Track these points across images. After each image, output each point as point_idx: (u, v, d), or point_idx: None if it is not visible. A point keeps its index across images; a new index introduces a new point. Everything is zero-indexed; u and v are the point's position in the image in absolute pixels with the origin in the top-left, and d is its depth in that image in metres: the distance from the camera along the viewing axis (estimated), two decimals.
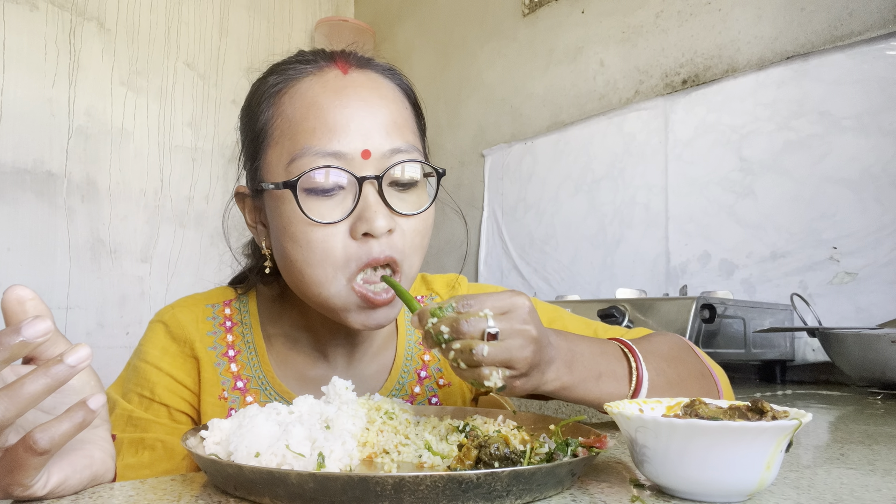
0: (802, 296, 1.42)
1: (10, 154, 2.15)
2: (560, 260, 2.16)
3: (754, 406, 0.49)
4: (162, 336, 0.80)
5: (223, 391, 0.78)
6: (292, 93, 0.70)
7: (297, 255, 0.68)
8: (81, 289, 2.28)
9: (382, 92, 0.71)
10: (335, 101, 0.68)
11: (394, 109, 0.70)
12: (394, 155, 0.68)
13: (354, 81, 0.70)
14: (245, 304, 0.84)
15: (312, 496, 0.42)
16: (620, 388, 0.66)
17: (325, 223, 0.66)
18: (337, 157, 0.66)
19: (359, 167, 0.67)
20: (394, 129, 0.69)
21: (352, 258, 0.67)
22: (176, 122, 2.55)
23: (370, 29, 2.95)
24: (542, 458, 0.49)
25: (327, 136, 0.66)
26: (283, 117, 0.70)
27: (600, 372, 0.65)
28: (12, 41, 2.16)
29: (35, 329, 0.42)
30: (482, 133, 2.51)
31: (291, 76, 0.71)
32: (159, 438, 0.74)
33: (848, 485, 0.51)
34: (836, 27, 1.55)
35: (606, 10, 2.08)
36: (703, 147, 1.79)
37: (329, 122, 0.67)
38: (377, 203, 0.67)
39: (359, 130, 0.67)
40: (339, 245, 0.67)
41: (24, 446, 0.41)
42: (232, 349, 0.80)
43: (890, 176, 1.44)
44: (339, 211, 0.67)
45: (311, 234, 0.67)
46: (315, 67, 0.71)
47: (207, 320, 0.82)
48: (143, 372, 0.78)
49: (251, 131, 0.74)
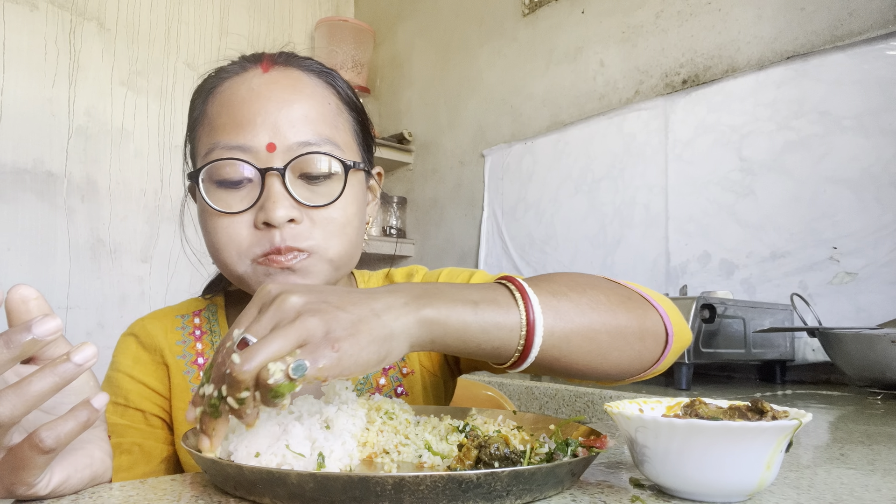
0: (802, 296, 1.42)
1: (10, 154, 2.15)
2: (560, 260, 2.16)
3: (754, 406, 0.49)
4: (133, 347, 0.83)
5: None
6: (216, 93, 0.74)
7: (208, 240, 0.74)
8: (81, 289, 2.28)
9: (299, 87, 0.73)
10: (247, 98, 0.71)
11: (308, 104, 0.72)
12: (300, 148, 0.70)
13: (272, 79, 0.73)
14: (214, 313, 0.87)
15: (312, 496, 0.42)
16: (507, 316, 0.54)
17: (229, 213, 0.70)
18: (242, 150, 0.70)
19: (264, 160, 0.69)
20: (304, 123, 0.71)
21: (254, 244, 0.70)
22: (176, 122, 2.55)
23: (370, 29, 2.95)
24: (542, 458, 0.49)
25: (235, 131, 0.70)
26: (206, 116, 0.74)
27: (475, 301, 0.54)
28: (12, 41, 2.16)
29: (45, 327, 0.42)
30: (482, 133, 2.51)
31: (221, 77, 0.75)
32: (136, 442, 0.77)
33: (848, 485, 0.51)
34: (836, 27, 1.55)
35: (606, 10, 2.08)
36: (703, 147, 1.79)
37: (237, 117, 0.70)
38: (279, 194, 0.69)
39: (265, 125, 0.70)
40: (244, 233, 0.70)
41: (29, 444, 0.41)
42: (201, 357, 0.83)
43: (890, 176, 1.44)
44: (245, 202, 0.70)
45: (218, 223, 0.71)
46: (240, 68, 0.75)
47: (177, 330, 0.84)
48: (116, 381, 0.81)
49: (188, 128, 0.79)
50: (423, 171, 2.75)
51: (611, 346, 0.61)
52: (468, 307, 0.53)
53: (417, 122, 2.79)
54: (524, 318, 0.55)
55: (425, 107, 2.77)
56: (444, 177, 2.66)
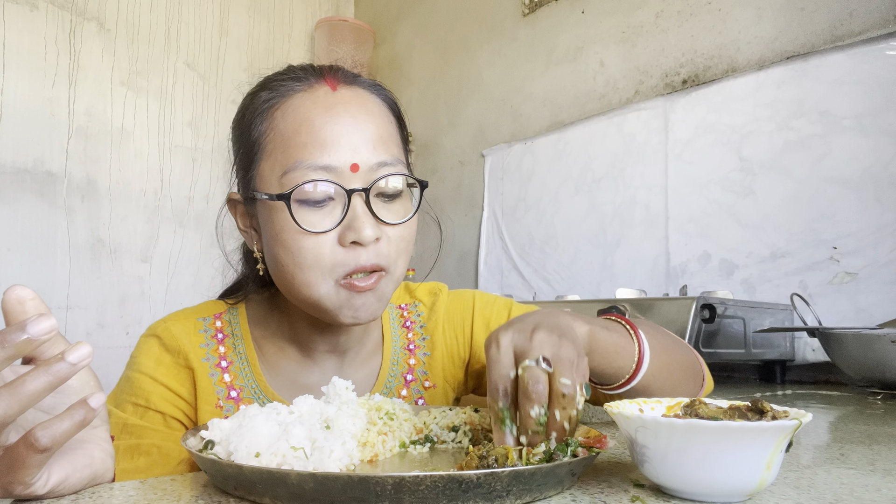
0: (802, 296, 1.42)
1: (10, 154, 2.15)
2: (560, 260, 2.16)
3: (754, 406, 0.49)
4: (156, 348, 0.82)
5: (219, 400, 0.80)
6: (284, 108, 0.74)
7: (287, 259, 0.72)
8: (81, 289, 2.28)
9: (369, 108, 0.75)
10: (325, 117, 0.72)
11: (380, 124, 0.75)
12: (380, 168, 0.73)
13: (343, 98, 0.74)
14: (235, 315, 0.87)
15: (312, 496, 0.42)
16: (628, 363, 0.69)
17: (315, 232, 0.70)
18: (327, 170, 0.70)
19: (348, 179, 0.71)
20: (380, 144, 0.73)
21: (339, 264, 0.71)
22: (176, 122, 2.55)
23: (370, 29, 2.95)
24: (541, 458, 0.49)
25: (318, 151, 0.71)
26: (276, 132, 0.74)
27: (607, 328, 0.67)
28: (12, 41, 2.16)
29: (40, 327, 0.42)
30: (482, 133, 2.51)
31: (283, 92, 0.75)
32: (155, 444, 0.76)
33: (848, 485, 0.51)
34: (836, 27, 1.55)
35: (606, 10, 2.08)
36: (703, 147, 1.79)
37: (320, 137, 0.71)
38: (365, 213, 0.71)
39: (348, 145, 0.71)
40: (328, 252, 0.71)
41: (25, 444, 0.41)
42: (224, 360, 0.83)
43: (890, 176, 1.44)
44: (329, 220, 0.71)
45: (302, 242, 0.71)
46: (306, 84, 0.75)
47: (199, 333, 0.84)
48: (137, 382, 0.80)
49: (245, 143, 0.77)
50: (423, 171, 2.75)
51: (681, 379, 0.77)
52: (612, 355, 0.67)
53: (417, 122, 2.79)
54: (635, 364, 0.69)
55: (425, 107, 2.77)
56: (444, 177, 2.66)
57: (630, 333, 0.69)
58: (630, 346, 0.69)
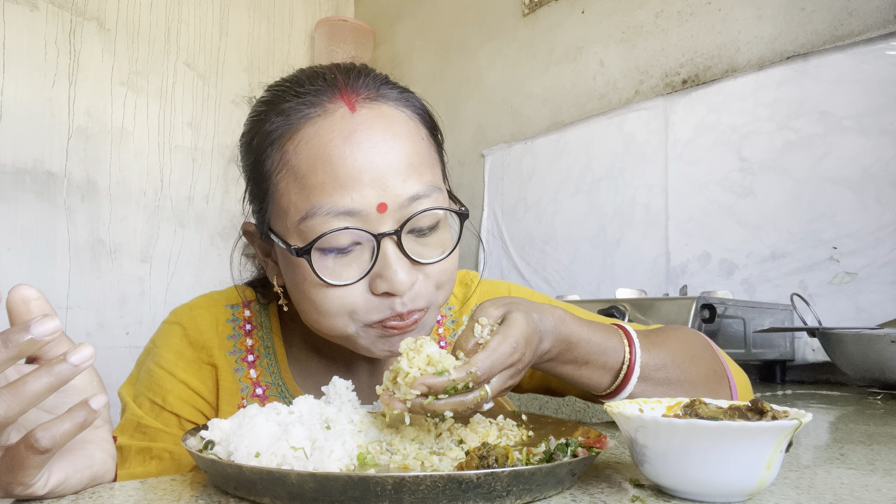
0: (802, 296, 1.42)
1: (10, 154, 2.15)
2: (560, 260, 2.16)
3: (754, 406, 0.49)
4: (178, 339, 0.77)
5: (242, 399, 0.76)
6: (297, 140, 0.64)
7: (310, 307, 0.66)
8: (81, 289, 2.28)
9: (395, 129, 0.65)
10: (344, 150, 0.62)
11: (409, 147, 0.65)
12: (412, 203, 0.64)
13: (364, 121, 0.64)
14: (265, 306, 0.82)
15: (312, 496, 0.42)
16: (602, 378, 0.68)
17: (341, 285, 0.63)
18: (350, 214, 0.62)
19: (375, 222, 0.62)
20: (410, 172, 0.64)
21: (371, 311, 0.65)
22: (176, 122, 2.55)
23: (370, 29, 2.95)
24: (541, 458, 0.49)
25: (339, 192, 0.61)
26: (290, 167, 0.64)
27: (587, 360, 0.66)
28: (12, 41, 2.16)
29: (44, 327, 0.42)
30: (482, 133, 2.51)
31: (294, 121, 0.65)
32: (167, 449, 0.73)
33: (848, 485, 0.51)
34: (836, 27, 1.55)
35: (606, 10, 2.08)
36: (703, 147, 1.79)
37: (339, 175, 0.62)
38: (398, 259, 0.63)
39: (372, 181, 0.62)
40: (359, 301, 0.64)
41: (25, 444, 0.41)
42: (251, 353, 0.78)
43: (890, 176, 1.44)
44: (355, 268, 0.64)
45: (327, 294, 0.64)
46: (320, 109, 0.65)
47: (227, 322, 0.79)
48: (156, 377, 0.76)
49: (256, 174, 0.69)
50: None
51: (703, 391, 0.73)
52: (576, 365, 0.67)
53: None
54: (615, 385, 0.68)
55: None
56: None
57: (621, 336, 0.68)
58: (618, 348, 0.67)
